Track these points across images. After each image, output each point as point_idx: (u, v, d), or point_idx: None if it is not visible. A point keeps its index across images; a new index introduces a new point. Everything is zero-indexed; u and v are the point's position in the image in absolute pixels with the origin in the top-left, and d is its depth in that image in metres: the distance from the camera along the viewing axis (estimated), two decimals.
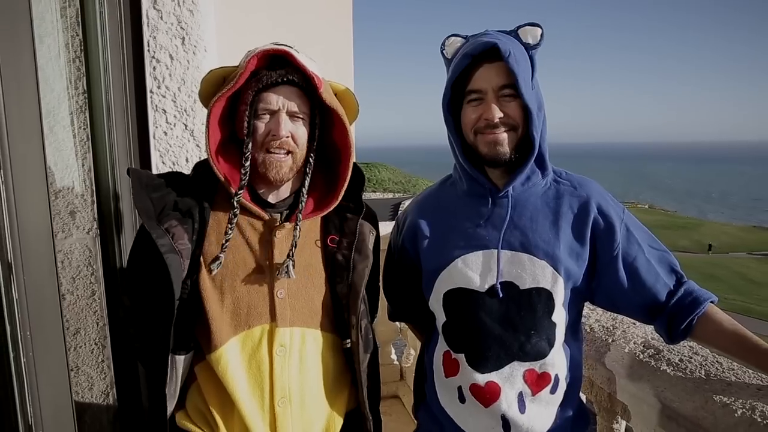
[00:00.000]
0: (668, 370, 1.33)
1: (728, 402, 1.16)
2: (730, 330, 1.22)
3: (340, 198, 1.28)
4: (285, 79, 1.17)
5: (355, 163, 1.29)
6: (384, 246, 1.83)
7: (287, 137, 1.19)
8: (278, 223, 1.24)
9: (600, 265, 1.30)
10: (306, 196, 1.26)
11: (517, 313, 1.27)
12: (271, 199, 1.27)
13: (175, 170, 1.73)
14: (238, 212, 1.19)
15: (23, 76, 1.06)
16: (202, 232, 1.19)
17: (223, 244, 1.17)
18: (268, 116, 1.18)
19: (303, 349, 1.24)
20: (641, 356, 1.41)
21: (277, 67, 1.17)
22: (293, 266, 1.20)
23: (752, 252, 63.80)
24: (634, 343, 1.47)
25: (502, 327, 1.27)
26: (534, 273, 1.25)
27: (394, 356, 3.71)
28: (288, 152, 1.20)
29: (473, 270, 1.28)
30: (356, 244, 1.29)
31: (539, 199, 1.30)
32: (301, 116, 1.21)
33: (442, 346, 1.36)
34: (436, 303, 1.36)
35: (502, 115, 1.23)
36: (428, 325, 1.45)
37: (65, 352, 1.12)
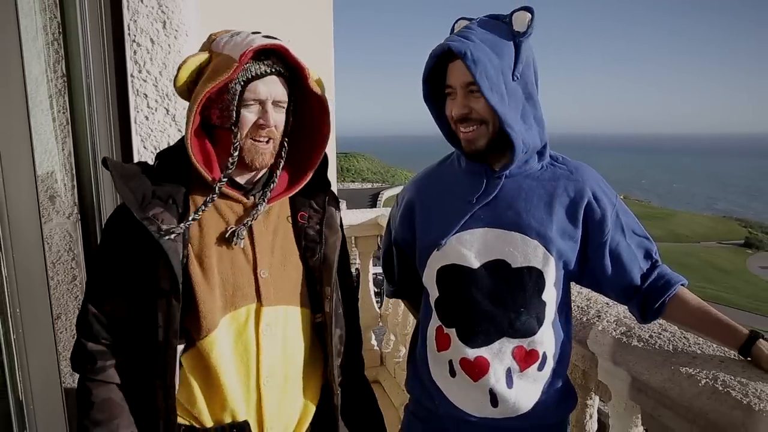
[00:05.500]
0: (639, 346, 1.39)
1: (693, 373, 1.22)
2: (697, 308, 1.29)
3: (310, 176, 1.31)
4: (273, 70, 1.19)
5: None
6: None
7: (273, 126, 1.21)
8: (256, 205, 1.26)
9: (590, 250, 1.34)
10: (278, 177, 1.29)
11: (507, 291, 1.30)
12: (245, 183, 1.28)
13: (141, 160, 1.73)
14: (216, 197, 1.20)
15: (8, 57, 1.05)
16: (185, 218, 1.19)
17: (187, 220, 1.16)
18: (256, 106, 1.20)
19: (286, 327, 1.27)
20: (614, 333, 1.47)
21: (263, 57, 1.19)
22: (244, 233, 1.22)
23: (722, 241, 65.65)
24: (607, 322, 1.53)
25: (492, 304, 1.31)
26: (526, 252, 1.29)
27: (374, 342, 3.75)
28: (269, 139, 1.22)
29: (467, 248, 1.31)
30: (326, 219, 1.34)
31: (535, 180, 1.33)
32: (282, 105, 1.23)
33: (434, 322, 1.39)
34: (429, 279, 1.39)
35: (466, 111, 1.26)
36: (422, 301, 1.48)
37: (53, 329, 1.13)
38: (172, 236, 1.12)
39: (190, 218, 1.16)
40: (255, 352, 1.22)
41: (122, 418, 1.18)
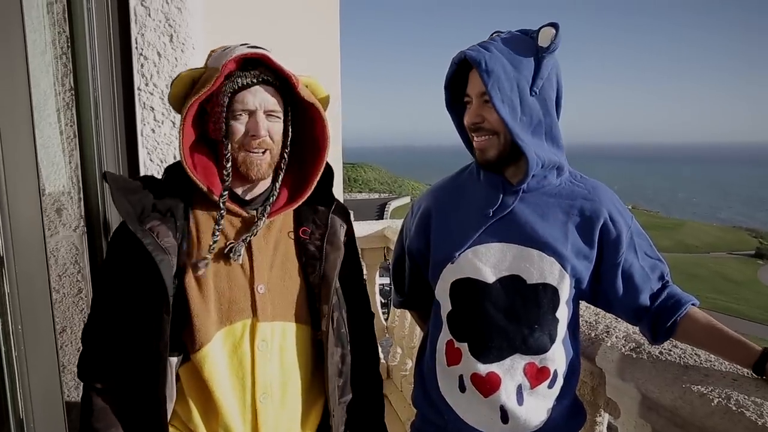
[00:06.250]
0: (649, 362, 1.36)
1: (705, 392, 1.19)
2: (709, 327, 1.27)
3: (311, 189, 1.29)
4: (260, 80, 1.18)
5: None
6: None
7: (266, 136, 1.20)
8: (256, 220, 1.25)
9: (603, 270, 1.33)
10: (278, 190, 1.27)
11: (522, 307, 1.29)
12: (247, 196, 1.27)
13: (148, 174, 1.73)
14: (224, 213, 1.20)
15: (14, 69, 1.06)
16: (184, 231, 1.19)
17: (210, 246, 1.17)
18: (246, 116, 1.19)
19: (283, 343, 1.25)
20: (623, 350, 1.44)
21: (250, 67, 1.18)
22: (242, 250, 1.21)
23: (732, 252, 65.11)
24: (616, 338, 1.51)
25: (506, 319, 1.29)
26: (542, 269, 1.27)
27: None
28: (265, 150, 1.21)
29: (482, 262, 1.30)
30: (328, 235, 1.31)
31: (552, 197, 1.32)
32: (277, 115, 1.22)
33: (445, 335, 1.37)
34: (442, 292, 1.38)
35: (479, 120, 1.27)
36: (432, 314, 1.46)
37: (56, 346, 1.12)
38: (172, 268, 1.13)
39: (212, 245, 1.18)
40: (250, 367, 1.21)
41: (119, 427, 1.18)
